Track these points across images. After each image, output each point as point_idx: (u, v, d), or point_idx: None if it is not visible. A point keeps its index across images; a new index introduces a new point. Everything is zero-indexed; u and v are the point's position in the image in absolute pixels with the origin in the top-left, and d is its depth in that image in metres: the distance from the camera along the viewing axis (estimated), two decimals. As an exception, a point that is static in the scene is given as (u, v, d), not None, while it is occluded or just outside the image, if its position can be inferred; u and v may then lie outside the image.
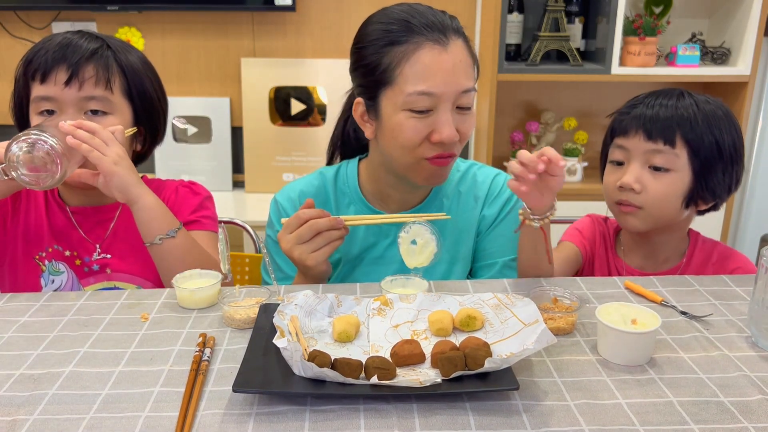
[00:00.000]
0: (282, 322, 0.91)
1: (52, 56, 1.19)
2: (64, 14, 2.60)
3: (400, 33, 1.11)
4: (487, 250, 1.30)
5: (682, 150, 1.20)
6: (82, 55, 1.20)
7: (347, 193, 1.29)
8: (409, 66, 1.09)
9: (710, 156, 1.19)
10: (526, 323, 0.90)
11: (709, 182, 1.21)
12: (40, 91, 1.20)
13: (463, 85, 1.11)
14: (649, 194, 1.21)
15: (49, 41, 1.22)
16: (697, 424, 0.77)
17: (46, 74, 1.19)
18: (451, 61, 1.10)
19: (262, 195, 2.69)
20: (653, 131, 1.20)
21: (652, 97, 1.24)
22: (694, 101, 1.22)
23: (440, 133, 1.11)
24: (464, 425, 0.76)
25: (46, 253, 1.30)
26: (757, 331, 0.95)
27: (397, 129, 1.12)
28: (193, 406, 0.79)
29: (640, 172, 1.22)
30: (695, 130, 1.19)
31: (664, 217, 1.24)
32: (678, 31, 2.66)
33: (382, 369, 0.82)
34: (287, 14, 2.64)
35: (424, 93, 1.09)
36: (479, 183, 1.31)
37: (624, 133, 1.24)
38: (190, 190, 1.41)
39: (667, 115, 1.20)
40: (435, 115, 1.11)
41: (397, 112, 1.12)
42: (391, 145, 1.16)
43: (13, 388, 0.85)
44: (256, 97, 2.69)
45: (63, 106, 1.20)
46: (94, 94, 1.21)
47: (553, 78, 2.50)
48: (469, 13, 2.68)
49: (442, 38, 1.10)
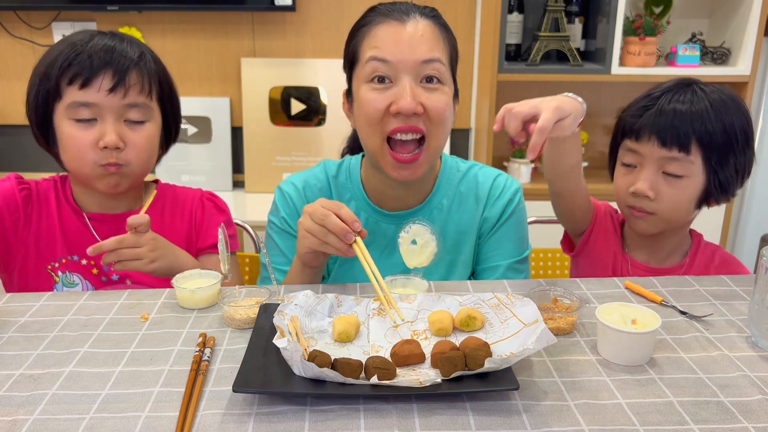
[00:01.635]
0: (282, 322, 0.91)
1: (98, 61, 1.16)
2: (64, 14, 2.60)
3: (366, 17, 1.17)
4: (490, 253, 1.29)
5: (696, 155, 1.18)
6: (130, 62, 1.18)
7: (349, 188, 1.29)
8: (366, 41, 1.15)
9: (723, 147, 1.17)
10: (526, 323, 0.90)
11: (722, 178, 1.20)
12: (80, 97, 1.16)
13: (423, 55, 1.12)
14: (663, 201, 1.21)
15: (86, 44, 1.18)
16: (697, 424, 0.77)
17: (90, 79, 1.15)
18: (408, 32, 1.12)
19: (262, 195, 2.69)
20: (668, 139, 1.17)
21: (665, 98, 1.20)
22: (706, 95, 1.19)
23: (398, 103, 1.11)
24: (464, 425, 0.76)
25: (59, 263, 1.27)
26: (757, 331, 0.95)
27: (361, 104, 1.15)
28: (193, 406, 0.79)
29: (654, 179, 1.20)
30: (707, 128, 1.16)
31: (675, 221, 1.24)
32: (678, 31, 2.66)
33: (382, 369, 0.82)
34: (287, 14, 2.64)
35: (378, 59, 1.12)
36: (480, 184, 1.30)
37: (636, 137, 1.21)
38: (215, 206, 1.39)
39: (682, 121, 1.17)
40: (395, 87, 1.12)
41: (361, 85, 1.15)
42: (360, 127, 1.18)
43: (13, 388, 0.85)
44: (256, 97, 2.68)
45: (104, 113, 1.18)
46: (137, 101, 1.20)
47: (553, 78, 2.50)
48: (469, 13, 2.68)
49: (403, 17, 1.14)
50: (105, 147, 1.18)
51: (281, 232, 1.29)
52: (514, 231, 1.29)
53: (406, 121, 1.12)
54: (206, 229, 1.36)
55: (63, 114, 1.18)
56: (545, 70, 2.50)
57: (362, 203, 1.28)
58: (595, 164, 2.85)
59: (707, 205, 1.25)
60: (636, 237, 1.33)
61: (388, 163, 1.16)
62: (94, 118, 1.18)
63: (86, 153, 1.18)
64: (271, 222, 1.31)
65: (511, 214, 1.28)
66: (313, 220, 1.06)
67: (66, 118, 1.18)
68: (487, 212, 1.29)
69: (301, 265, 1.15)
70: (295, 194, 1.29)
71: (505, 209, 1.28)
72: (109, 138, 1.17)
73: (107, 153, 1.18)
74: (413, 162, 1.15)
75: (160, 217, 1.33)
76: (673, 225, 1.26)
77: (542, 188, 2.64)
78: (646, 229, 1.25)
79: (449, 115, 1.16)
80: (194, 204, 1.37)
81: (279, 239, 1.28)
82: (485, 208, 1.29)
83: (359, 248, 1.05)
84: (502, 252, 1.28)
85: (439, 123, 1.14)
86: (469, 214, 1.29)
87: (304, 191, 1.29)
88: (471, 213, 1.29)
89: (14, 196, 1.25)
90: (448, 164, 1.31)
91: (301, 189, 1.29)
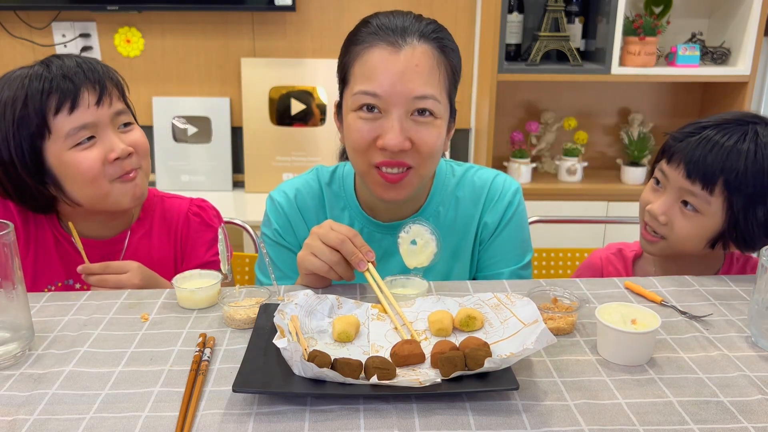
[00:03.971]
0: (282, 322, 0.91)
1: (76, 79, 1.13)
2: (64, 14, 2.60)
3: (360, 33, 1.10)
4: (492, 260, 1.26)
5: (719, 196, 1.14)
6: (98, 72, 1.16)
7: (342, 197, 1.26)
8: (358, 65, 1.08)
9: (753, 194, 1.11)
10: (526, 323, 0.90)
11: (743, 226, 1.14)
12: (74, 122, 1.13)
13: (415, 91, 1.05)
14: (674, 230, 1.19)
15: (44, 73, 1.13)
16: (697, 424, 0.77)
17: (76, 100, 1.12)
18: (402, 64, 1.05)
19: (262, 195, 2.67)
20: (693, 173, 1.14)
21: (712, 131, 1.14)
22: (757, 137, 1.11)
23: (384, 138, 1.06)
24: (464, 425, 0.76)
25: (55, 287, 1.27)
26: (757, 331, 0.95)
27: (348, 129, 1.11)
28: (193, 406, 0.79)
29: (670, 205, 1.19)
30: (740, 169, 1.10)
31: (685, 252, 1.22)
32: (678, 31, 2.66)
33: (382, 369, 0.82)
34: (287, 14, 2.64)
35: (366, 93, 1.06)
36: (477, 187, 1.26)
37: (668, 160, 1.19)
38: (202, 221, 1.36)
39: (714, 158, 1.11)
40: (383, 119, 1.07)
41: (349, 112, 1.11)
42: (347, 147, 1.15)
43: (13, 388, 0.85)
44: (256, 97, 2.69)
45: (100, 128, 1.16)
46: (120, 107, 1.19)
47: (553, 78, 2.50)
48: (469, 13, 2.68)
49: (397, 40, 1.06)
50: (117, 158, 1.16)
51: (275, 245, 1.25)
52: (516, 235, 1.26)
53: (392, 157, 1.08)
54: (192, 250, 1.34)
55: (60, 147, 1.14)
56: (545, 70, 2.50)
57: (356, 213, 1.25)
58: (595, 164, 2.85)
59: (725, 247, 1.20)
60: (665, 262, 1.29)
61: (376, 182, 1.13)
62: (93, 136, 1.16)
63: (98, 173, 1.16)
64: (264, 234, 1.27)
65: (511, 217, 1.25)
66: (326, 243, 1.02)
67: (65, 149, 1.14)
68: (487, 217, 1.25)
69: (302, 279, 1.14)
70: (286, 204, 1.26)
71: (504, 213, 1.25)
72: (118, 148, 1.16)
73: (120, 164, 1.17)
74: (400, 182, 1.11)
75: (148, 238, 1.32)
76: (682, 254, 1.23)
77: (543, 188, 2.65)
78: (651, 250, 1.24)
79: (439, 147, 1.12)
80: (180, 222, 1.34)
81: (273, 253, 1.25)
82: (484, 211, 1.25)
83: (372, 275, 1.03)
84: (504, 259, 1.25)
85: (428, 156, 1.10)
86: (468, 219, 1.26)
87: (296, 200, 1.26)
88: (469, 218, 1.26)
89: (14, 220, 1.22)
90: (442, 171, 1.27)
91: (292, 198, 1.26)
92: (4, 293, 0.89)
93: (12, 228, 0.89)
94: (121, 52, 2.67)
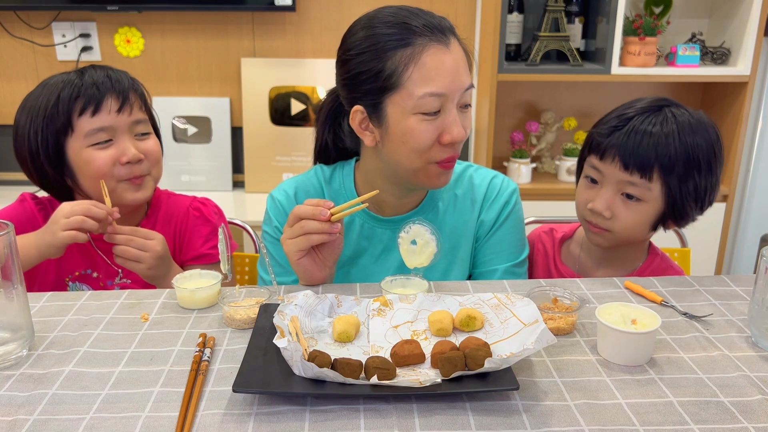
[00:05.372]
0: (282, 322, 0.91)
1: (102, 87, 1.25)
2: (64, 14, 2.60)
3: (403, 36, 1.08)
4: (488, 256, 1.28)
5: (657, 181, 1.17)
6: (125, 84, 1.28)
7: (343, 194, 1.27)
8: (416, 69, 1.07)
9: (683, 171, 1.16)
10: (526, 323, 0.90)
11: (679, 203, 1.19)
12: (95, 123, 1.24)
13: (465, 83, 1.11)
14: (618, 221, 1.21)
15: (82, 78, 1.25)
16: (697, 424, 0.77)
17: (100, 104, 1.24)
18: (454, 60, 1.10)
19: (262, 195, 2.68)
20: (630, 163, 1.17)
21: (636, 120, 1.18)
22: (675, 118, 1.17)
23: (450, 132, 1.10)
24: (464, 425, 0.76)
25: (73, 276, 1.34)
26: (757, 331, 0.95)
27: (409, 134, 1.10)
28: (193, 406, 0.79)
29: (611, 199, 1.21)
30: (670, 152, 1.15)
31: (630, 239, 1.26)
32: (678, 31, 2.66)
33: (382, 369, 0.82)
34: (287, 14, 2.64)
35: (435, 94, 1.08)
36: (476, 186, 1.29)
37: (600, 156, 1.21)
38: (200, 216, 1.43)
39: (646, 147, 1.16)
40: (443, 116, 1.10)
41: (407, 116, 1.09)
42: (399, 151, 1.13)
43: (13, 388, 0.85)
44: (256, 97, 2.68)
45: (117, 133, 1.26)
46: (140, 117, 1.30)
47: (553, 78, 2.50)
48: (469, 13, 2.68)
49: (444, 38, 1.09)
50: (128, 162, 1.26)
51: (276, 242, 1.26)
52: (511, 234, 1.28)
53: (454, 150, 1.13)
54: (189, 241, 1.40)
55: (80, 144, 1.25)
56: (545, 70, 2.50)
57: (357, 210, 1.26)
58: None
59: (664, 227, 1.25)
60: (592, 247, 1.34)
61: (432, 174, 1.15)
62: (110, 139, 1.26)
63: (108, 171, 1.26)
64: (265, 232, 1.30)
65: (507, 216, 1.27)
66: (289, 226, 1.09)
67: (84, 147, 1.25)
68: (484, 215, 1.28)
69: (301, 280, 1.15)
70: (286, 202, 1.27)
71: (501, 212, 1.27)
72: (130, 152, 1.26)
73: (129, 168, 1.27)
74: (452, 167, 1.17)
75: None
76: (628, 242, 1.27)
77: (542, 188, 2.65)
78: (600, 243, 1.27)
79: None
80: (179, 217, 1.42)
81: (274, 249, 1.26)
82: (481, 210, 1.28)
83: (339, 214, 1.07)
84: (499, 255, 1.28)
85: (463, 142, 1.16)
86: (466, 216, 1.28)
87: (296, 197, 1.27)
88: (467, 216, 1.28)
89: (35, 216, 1.33)
90: None
91: (292, 195, 1.27)
92: (4, 293, 0.90)
93: (12, 228, 0.89)
94: (121, 52, 2.66)
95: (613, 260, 1.32)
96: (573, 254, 1.38)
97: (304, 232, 1.07)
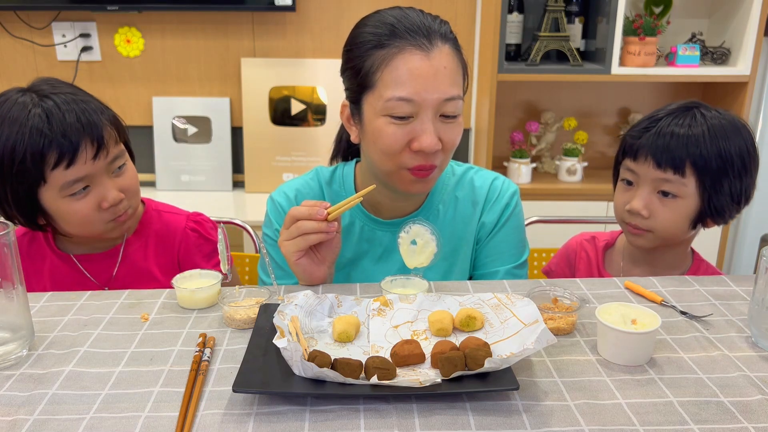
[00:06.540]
0: (282, 322, 0.91)
1: (74, 136, 1.13)
2: (64, 14, 2.60)
3: (384, 36, 1.07)
4: (488, 258, 1.28)
5: (690, 178, 1.19)
6: (97, 121, 1.16)
7: (343, 196, 1.26)
8: (388, 71, 1.06)
9: (717, 172, 1.18)
10: (526, 323, 0.90)
11: (716, 202, 1.20)
12: (70, 176, 1.14)
13: (446, 93, 1.07)
14: (657, 220, 1.22)
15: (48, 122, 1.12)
16: (697, 424, 0.77)
17: (74, 158, 1.13)
18: (434, 67, 1.05)
19: (262, 195, 2.69)
20: (663, 161, 1.19)
21: (665, 121, 1.22)
22: (705, 120, 1.20)
23: (420, 141, 1.07)
24: (464, 425, 0.76)
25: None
26: (757, 331, 0.95)
27: (377, 134, 1.09)
28: (193, 406, 0.79)
29: (649, 198, 1.23)
30: (702, 152, 1.18)
31: (671, 238, 1.26)
32: (678, 31, 2.66)
33: (382, 369, 0.82)
34: (287, 14, 2.64)
35: (403, 99, 1.05)
36: (477, 188, 1.28)
37: (634, 157, 1.24)
38: (199, 236, 1.39)
39: (677, 144, 1.18)
40: (416, 123, 1.07)
41: (377, 117, 1.09)
42: (372, 150, 1.13)
43: (13, 388, 0.85)
44: (256, 97, 2.68)
45: (95, 178, 1.18)
46: (116, 153, 1.21)
47: (553, 78, 2.50)
48: (469, 13, 2.68)
49: (425, 43, 1.06)
50: (110, 206, 1.20)
51: (276, 245, 1.24)
52: (512, 236, 1.28)
53: (426, 159, 1.09)
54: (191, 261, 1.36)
55: (55, 195, 1.16)
56: (545, 70, 2.50)
57: (357, 211, 1.26)
58: (595, 164, 2.85)
59: (703, 225, 1.26)
60: (635, 252, 1.34)
61: (404, 180, 1.13)
62: (87, 185, 1.18)
63: (92, 218, 1.20)
64: (266, 235, 1.29)
65: (508, 218, 1.27)
66: (285, 228, 1.09)
67: (60, 198, 1.16)
68: (485, 217, 1.27)
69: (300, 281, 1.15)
70: (286, 204, 1.26)
71: (502, 214, 1.27)
72: (110, 196, 1.19)
73: (112, 210, 1.21)
74: (427, 177, 1.13)
75: (143, 250, 1.34)
76: (669, 242, 1.27)
77: (542, 188, 2.65)
78: (643, 244, 1.28)
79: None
80: (177, 238, 1.36)
81: (275, 252, 1.26)
82: (482, 212, 1.27)
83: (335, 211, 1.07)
84: (500, 257, 1.27)
85: (450, 153, 1.14)
86: (466, 218, 1.27)
87: (296, 200, 1.26)
88: (468, 218, 1.27)
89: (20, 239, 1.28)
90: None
91: (293, 198, 1.27)
92: (4, 293, 0.89)
93: (12, 228, 0.89)
94: (121, 52, 2.66)
95: (656, 266, 1.32)
96: (616, 262, 1.38)
97: (301, 233, 1.06)
